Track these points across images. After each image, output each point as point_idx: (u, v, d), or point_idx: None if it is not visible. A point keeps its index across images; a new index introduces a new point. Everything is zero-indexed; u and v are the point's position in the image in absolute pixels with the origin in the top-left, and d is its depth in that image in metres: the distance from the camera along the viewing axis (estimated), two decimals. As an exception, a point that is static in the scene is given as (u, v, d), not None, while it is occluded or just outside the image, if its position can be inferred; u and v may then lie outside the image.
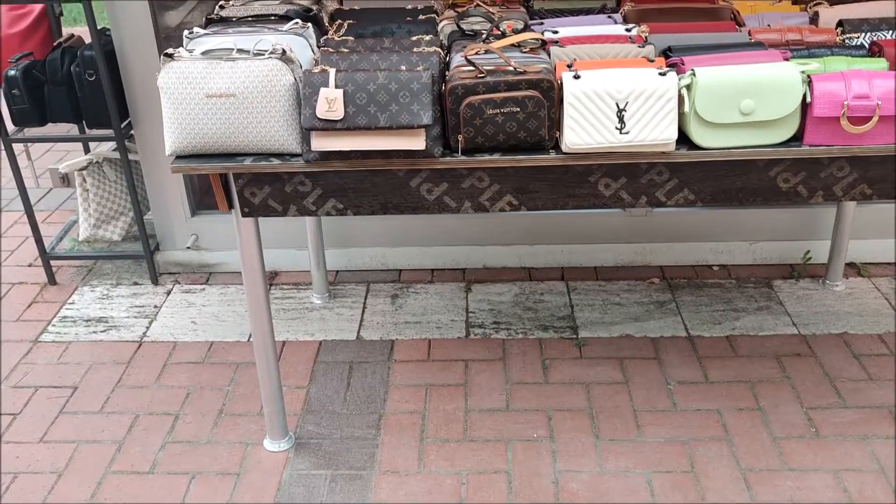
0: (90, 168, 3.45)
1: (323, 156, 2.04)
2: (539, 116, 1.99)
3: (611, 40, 2.24)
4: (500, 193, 2.16)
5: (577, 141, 2.00)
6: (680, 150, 2.04)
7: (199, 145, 2.08)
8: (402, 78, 1.98)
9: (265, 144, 2.07)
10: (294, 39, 2.17)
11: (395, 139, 2.00)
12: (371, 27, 2.38)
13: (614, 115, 1.98)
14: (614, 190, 2.16)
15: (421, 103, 1.97)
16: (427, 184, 2.15)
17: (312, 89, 1.99)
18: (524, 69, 2.00)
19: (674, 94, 1.97)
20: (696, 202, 2.17)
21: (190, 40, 2.20)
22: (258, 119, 2.04)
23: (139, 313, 3.34)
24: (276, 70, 2.01)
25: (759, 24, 2.46)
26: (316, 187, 2.16)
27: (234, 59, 2.03)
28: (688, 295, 3.32)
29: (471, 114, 1.99)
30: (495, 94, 1.98)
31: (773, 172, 2.13)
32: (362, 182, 2.15)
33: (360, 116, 1.98)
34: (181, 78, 2.03)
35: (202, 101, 2.03)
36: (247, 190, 2.17)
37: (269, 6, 2.48)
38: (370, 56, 2.11)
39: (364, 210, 2.19)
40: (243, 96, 2.02)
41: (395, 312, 3.28)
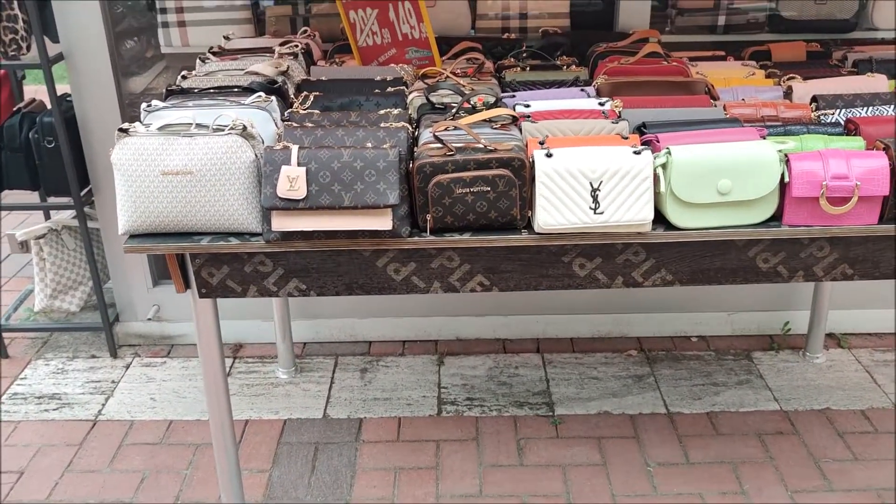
0: (48, 236, 3.32)
1: (284, 236, 1.94)
2: (510, 196, 1.91)
3: (584, 115, 2.18)
4: (471, 274, 2.07)
5: (550, 221, 1.92)
6: (656, 231, 1.97)
7: (154, 224, 1.98)
8: (368, 156, 1.89)
9: (224, 223, 1.97)
10: (256, 113, 2.09)
11: (360, 219, 1.91)
12: (338, 99, 2.31)
13: (588, 194, 1.91)
14: (589, 270, 2.07)
15: (387, 182, 1.89)
16: (394, 264, 2.05)
17: (273, 167, 1.90)
18: (495, 147, 1.93)
19: (649, 174, 1.91)
20: (674, 282, 2.09)
21: (148, 113, 2.11)
22: (216, 197, 1.94)
23: (95, 389, 3.19)
24: (235, 146, 1.92)
25: (733, 97, 2.42)
26: (277, 267, 2.06)
27: (191, 134, 1.94)
28: (666, 368, 3.23)
29: (439, 193, 1.91)
30: (464, 172, 1.90)
31: (752, 252, 2.06)
32: (326, 262, 2.05)
33: (324, 196, 1.89)
34: (136, 154, 1.93)
35: (158, 179, 1.93)
36: (204, 270, 2.06)
37: (232, 76, 2.41)
38: (335, 131, 2.03)
39: (328, 291, 2.09)
40: (201, 174, 1.92)
41: (363, 388, 3.15)
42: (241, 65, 2.52)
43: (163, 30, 3.09)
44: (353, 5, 2.58)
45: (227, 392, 2.25)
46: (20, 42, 2.97)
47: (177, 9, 3.04)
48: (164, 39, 3.11)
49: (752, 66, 2.68)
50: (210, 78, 2.41)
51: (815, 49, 2.81)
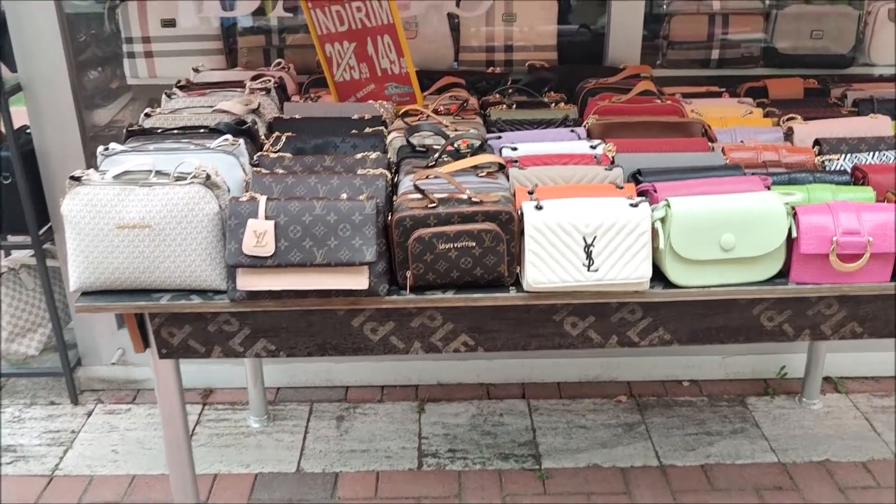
0: (6, 275, 3.13)
1: (251, 295, 1.78)
2: (497, 252, 1.77)
3: (575, 160, 2.05)
4: (455, 333, 1.92)
5: (541, 279, 1.77)
6: (654, 289, 1.83)
7: (108, 281, 1.81)
8: (343, 208, 1.74)
9: (185, 280, 1.80)
10: (222, 159, 1.93)
11: (333, 277, 1.75)
12: (312, 140, 2.16)
13: (581, 250, 1.77)
14: (582, 329, 1.93)
15: (363, 237, 1.73)
16: (371, 323, 1.90)
17: (239, 220, 1.74)
18: (480, 198, 1.78)
19: (647, 228, 1.76)
20: (672, 342, 1.95)
21: (104, 158, 1.94)
22: (176, 253, 1.77)
23: (53, 440, 2.99)
24: (197, 197, 1.76)
25: (731, 139, 2.29)
26: (244, 327, 1.89)
27: (150, 184, 1.78)
28: (658, 415, 3.08)
29: (420, 249, 1.75)
30: (448, 226, 1.75)
31: (756, 310, 1.92)
32: (297, 321, 1.89)
33: (294, 252, 1.73)
34: (89, 205, 1.77)
35: (113, 233, 1.76)
36: (164, 329, 1.89)
37: (199, 114, 2.25)
38: (308, 179, 1.87)
39: (299, 352, 1.92)
40: (160, 227, 1.76)
41: (340, 438, 2.98)
42: (209, 101, 2.37)
43: (129, 60, 2.93)
44: (329, 38, 2.43)
45: (190, 456, 2.07)
46: (-26, 72, 2.79)
47: (143, 38, 2.88)
48: (129, 70, 2.95)
49: (748, 103, 2.56)
50: (175, 116, 2.25)
51: (813, 86, 2.70)
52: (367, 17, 2.37)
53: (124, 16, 2.88)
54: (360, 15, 2.37)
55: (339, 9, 2.38)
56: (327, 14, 2.39)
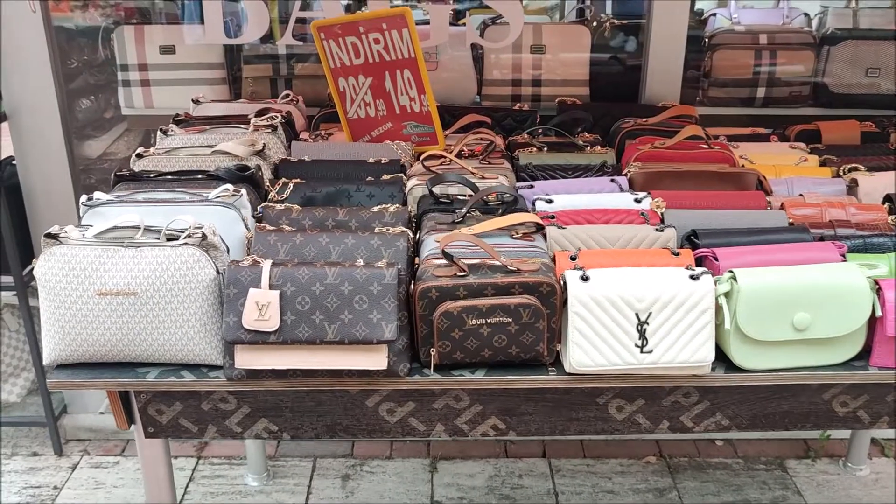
0: (-14, 317, 2.90)
1: (251, 374, 1.54)
2: (536, 329, 1.53)
3: (619, 216, 1.81)
4: (483, 416, 1.68)
5: (587, 361, 1.54)
6: (715, 372, 1.59)
7: (87, 353, 1.57)
8: (359, 277, 1.50)
9: (175, 354, 1.57)
10: (221, 213, 1.70)
11: (347, 356, 1.52)
12: (323, 188, 1.92)
13: (633, 328, 1.53)
14: (628, 413, 1.69)
15: (383, 311, 1.50)
16: (388, 403, 1.66)
17: (239, 289, 1.50)
18: (517, 266, 1.55)
19: (710, 305, 1.53)
20: (731, 428, 1.71)
21: (88, 209, 1.71)
22: (166, 324, 1.54)
23: (33, 497, 2.75)
24: (192, 261, 1.53)
25: (787, 191, 2.06)
26: (242, 405, 1.66)
27: (137, 244, 1.54)
28: (690, 479, 2.84)
29: (448, 324, 1.52)
30: (480, 300, 1.51)
31: (827, 395, 1.68)
32: (303, 400, 1.65)
33: (302, 327, 1.49)
34: (66, 268, 1.53)
35: (93, 300, 1.53)
36: (152, 406, 1.65)
37: (197, 155, 2.02)
38: (319, 237, 1.64)
39: (305, 433, 1.69)
40: (147, 295, 1.52)
41: (346, 499, 2.74)
42: (209, 139, 2.14)
43: (123, 89, 2.70)
44: (343, 72, 2.20)
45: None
46: (-44, 100, 2.57)
47: (140, 66, 2.65)
48: (124, 100, 2.72)
49: (801, 149, 2.33)
50: (170, 157, 2.02)
51: (870, 129, 2.46)
52: (385, 49, 2.15)
53: (119, 41, 2.66)
54: (379, 47, 2.15)
55: (354, 40, 2.15)
56: (342, 46, 2.16)
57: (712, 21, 2.84)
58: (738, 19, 2.77)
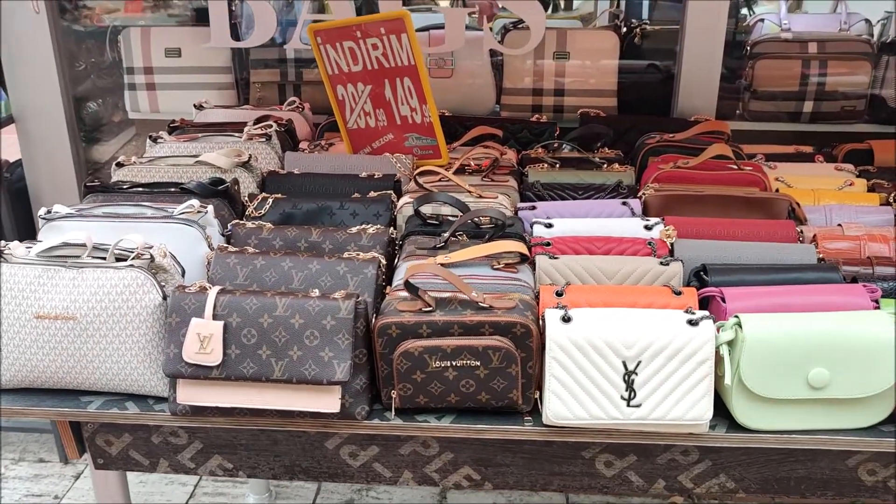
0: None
1: (195, 410, 1.41)
2: (508, 375, 1.35)
3: (623, 245, 1.62)
4: (455, 465, 1.52)
5: (566, 413, 1.35)
6: (715, 431, 1.39)
7: (28, 379, 1.47)
8: (311, 309, 1.36)
9: (118, 384, 1.45)
10: (183, 231, 1.57)
11: (297, 396, 1.37)
12: (305, 204, 1.78)
13: (619, 379, 1.34)
14: (618, 470, 1.50)
15: (336, 348, 1.34)
16: (349, 446, 1.51)
17: (182, 318, 1.37)
18: (491, 302, 1.38)
19: (709, 355, 1.33)
20: (738, 490, 1.50)
21: (45, 222, 1.61)
22: (109, 352, 1.42)
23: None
24: (135, 286, 1.41)
25: (825, 220, 1.84)
26: (194, 440, 1.53)
27: (80, 265, 1.43)
28: (719, 526, 2.61)
29: (408, 366, 1.35)
30: (445, 339, 1.35)
31: (852, 462, 1.46)
32: (258, 438, 1.52)
33: (247, 363, 1.36)
34: (6, 287, 1.43)
35: (31, 323, 1.42)
36: (100, 437, 1.54)
37: (179, 166, 1.91)
38: (282, 262, 1.50)
39: (262, 473, 1.55)
40: (87, 320, 1.41)
41: (346, 528, 2.61)
42: (198, 148, 2.03)
43: (129, 92, 2.63)
44: (341, 79, 2.06)
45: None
46: (-38, 101, 2.54)
47: (145, 69, 2.57)
48: (130, 104, 2.64)
49: (848, 171, 2.09)
50: (151, 167, 1.91)
51: (931, 150, 2.20)
52: (384, 56, 2.00)
53: (126, 43, 2.58)
54: (377, 53, 2.00)
55: (352, 45, 2.01)
56: (339, 51, 2.02)
57: (759, 27, 2.60)
58: (787, 25, 2.52)
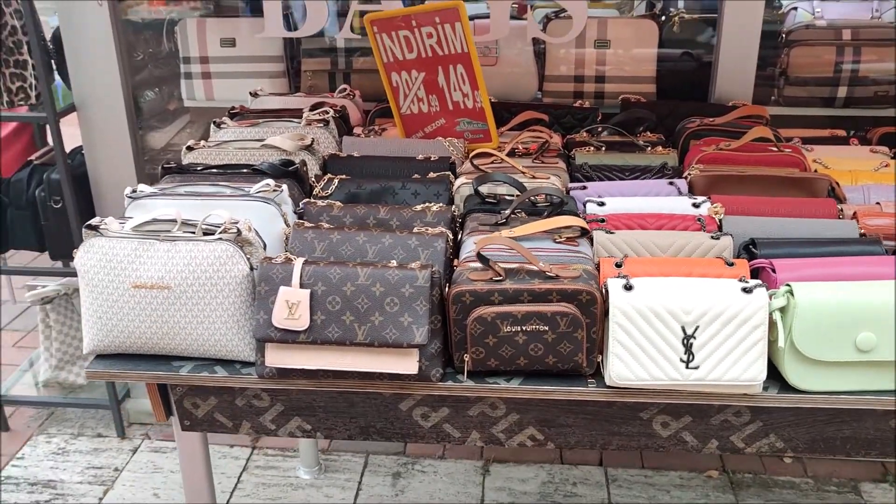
0: (56, 301, 2.98)
1: (281, 372, 1.52)
2: (575, 339, 1.46)
3: (674, 221, 1.72)
4: (520, 425, 1.62)
5: (627, 375, 1.46)
6: (768, 392, 1.48)
7: (124, 345, 1.58)
8: (391, 278, 1.46)
9: (209, 349, 1.56)
10: (262, 208, 1.68)
11: (377, 359, 1.48)
12: (369, 185, 1.89)
13: (679, 343, 1.44)
14: (674, 430, 1.60)
15: (414, 314, 1.45)
16: (422, 408, 1.61)
17: (270, 287, 1.48)
18: (556, 272, 1.48)
19: (763, 320, 1.43)
20: (786, 450, 1.60)
21: (131, 201, 1.72)
22: (199, 319, 1.53)
23: (95, 478, 2.82)
24: (224, 257, 1.52)
25: (863, 199, 1.92)
26: (276, 403, 1.64)
27: (173, 238, 1.54)
28: (754, 497, 2.70)
29: (481, 330, 1.46)
30: (515, 306, 1.45)
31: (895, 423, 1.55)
32: (336, 400, 1.63)
33: (332, 328, 1.46)
34: (103, 260, 1.55)
35: (128, 293, 1.54)
36: (187, 400, 1.66)
37: (246, 149, 2.02)
38: (356, 236, 1.61)
39: (338, 434, 1.66)
40: (180, 289, 1.52)
41: (395, 498, 2.71)
42: (260, 132, 2.13)
43: (185, 81, 2.74)
44: (396, 66, 2.16)
45: (214, 538, 1.84)
46: (28, 91, 2.65)
47: (201, 59, 2.68)
48: (186, 92, 2.75)
49: (883, 153, 2.17)
50: (220, 151, 2.02)
51: (964, 133, 2.28)
52: (438, 44, 2.10)
53: (182, 34, 2.69)
54: (431, 42, 2.10)
55: (407, 34, 2.11)
56: (395, 39, 2.12)
57: (793, 15, 2.68)
58: (821, 14, 2.60)
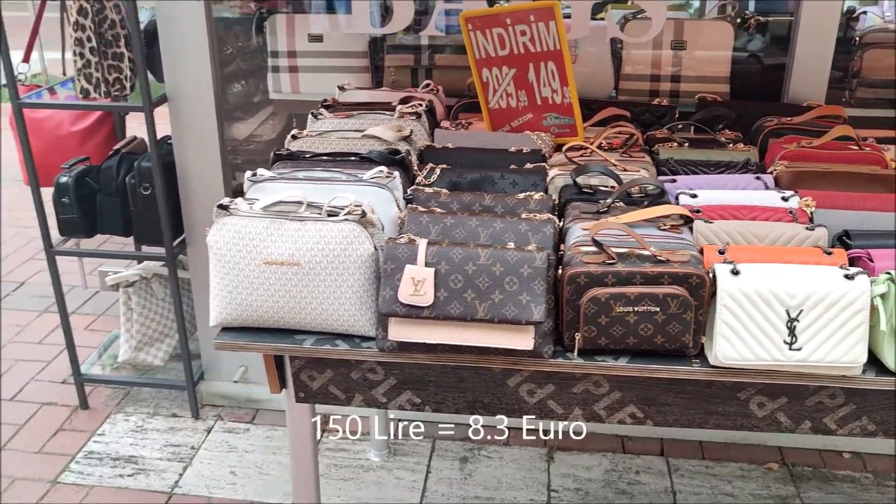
0: (138, 284, 3.11)
1: (402, 346, 1.62)
2: (684, 320, 1.54)
3: (767, 213, 1.80)
4: (622, 403, 1.70)
5: (734, 355, 1.54)
6: (865, 375, 1.56)
7: (251, 318, 1.69)
8: (510, 259, 1.56)
9: (331, 324, 1.66)
10: (377, 193, 1.78)
11: (495, 335, 1.57)
12: (468, 174, 1.99)
13: (783, 325, 1.52)
14: (770, 411, 1.68)
15: (532, 293, 1.54)
16: (529, 384, 1.70)
17: (396, 265, 1.58)
18: (667, 257, 1.56)
19: (865, 305, 1.50)
20: (877, 433, 1.68)
21: (252, 184, 1.83)
22: (325, 294, 1.63)
23: (173, 455, 2.94)
24: (352, 237, 1.62)
25: (944, 196, 1.99)
26: (389, 377, 1.74)
27: (302, 218, 1.65)
28: (814, 489, 2.77)
29: (595, 310, 1.55)
30: (628, 287, 1.54)
31: None
32: (447, 375, 1.72)
33: (454, 304, 1.56)
34: (236, 238, 1.65)
35: (259, 268, 1.64)
36: (304, 373, 1.76)
37: (347, 139, 2.12)
38: (468, 220, 1.70)
39: (447, 408, 1.75)
40: (310, 266, 1.62)
41: (463, 482, 2.80)
42: (357, 123, 2.24)
43: (272, 74, 2.85)
44: (487, 63, 2.26)
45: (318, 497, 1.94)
46: (124, 82, 2.77)
47: (289, 53, 2.79)
48: (273, 85, 2.86)
49: (958, 153, 2.24)
50: (323, 140, 2.12)
51: None
52: (531, 41, 2.19)
53: (272, 29, 2.80)
54: (524, 39, 2.19)
55: (501, 32, 2.20)
56: (488, 37, 2.22)
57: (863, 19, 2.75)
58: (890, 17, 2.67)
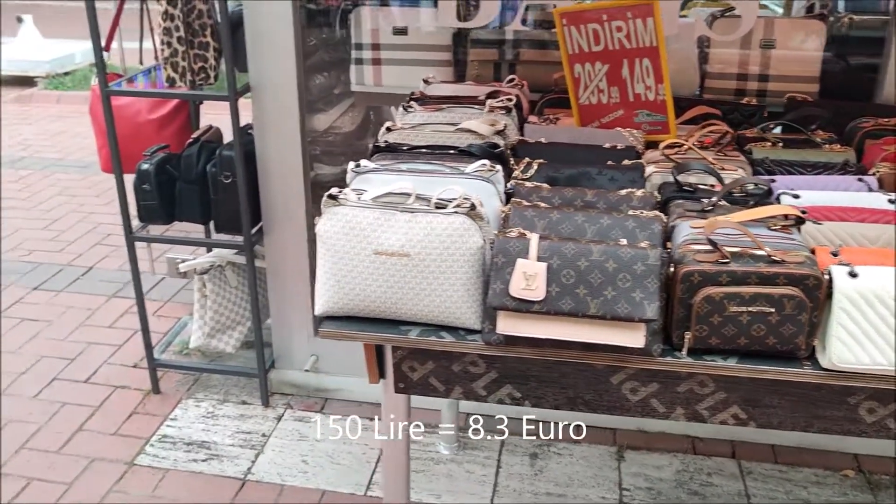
0: (212, 271, 3.15)
1: (509, 340, 1.62)
2: (798, 321, 1.53)
3: (876, 216, 1.77)
4: (725, 404, 1.69)
5: (849, 358, 1.52)
6: None
7: (357, 307, 1.70)
8: (624, 255, 1.55)
9: (437, 315, 1.67)
10: (482, 187, 1.78)
11: (605, 331, 1.57)
12: (565, 169, 1.98)
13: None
14: (880, 416, 1.65)
15: (645, 291, 1.54)
16: (632, 382, 1.70)
17: (507, 259, 1.58)
18: (781, 257, 1.55)
19: None
20: None
21: (356, 175, 1.84)
22: (433, 286, 1.64)
23: (245, 441, 2.98)
24: (462, 229, 1.62)
25: None
26: (490, 370, 1.74)
27: (411, 209, 1.65)
28: (892, 498, 2.72)
29: (708, 309, 1.54)
30: (743, 287, 1.53)
31: None
32: (549, 371, 1.72)
33: (565, 300, 1.56)
34: (347, 228, 1.66)
35: (369, 259, 1.65)
36: (405, 363, 1.77)
37: (441, 132, 2.12)
38: (574, 216, 1.70)
39: (546, 403, 1.75)
40: (420, 257, 1.63)
41: (534, 478, 2.81)
42: (448, 117, 2.24)
43: (355, 66, 2.87)
44: (580, 58, 2.25)
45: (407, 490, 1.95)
46: (209, 71, 2.81)
47: (373, 45, 2.80)
48: (355, 77, 2.88)
49: None
50: (417, 132, 2.13)
51: None
52: (627, 38, 2.18)
53: (356, 21, 2.82)
54: (620, 35, 2.18)
55: (596, 27, 2.20)
56: (582, 32, 2.21)
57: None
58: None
